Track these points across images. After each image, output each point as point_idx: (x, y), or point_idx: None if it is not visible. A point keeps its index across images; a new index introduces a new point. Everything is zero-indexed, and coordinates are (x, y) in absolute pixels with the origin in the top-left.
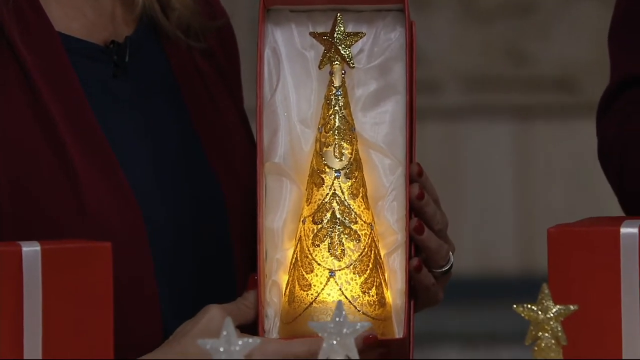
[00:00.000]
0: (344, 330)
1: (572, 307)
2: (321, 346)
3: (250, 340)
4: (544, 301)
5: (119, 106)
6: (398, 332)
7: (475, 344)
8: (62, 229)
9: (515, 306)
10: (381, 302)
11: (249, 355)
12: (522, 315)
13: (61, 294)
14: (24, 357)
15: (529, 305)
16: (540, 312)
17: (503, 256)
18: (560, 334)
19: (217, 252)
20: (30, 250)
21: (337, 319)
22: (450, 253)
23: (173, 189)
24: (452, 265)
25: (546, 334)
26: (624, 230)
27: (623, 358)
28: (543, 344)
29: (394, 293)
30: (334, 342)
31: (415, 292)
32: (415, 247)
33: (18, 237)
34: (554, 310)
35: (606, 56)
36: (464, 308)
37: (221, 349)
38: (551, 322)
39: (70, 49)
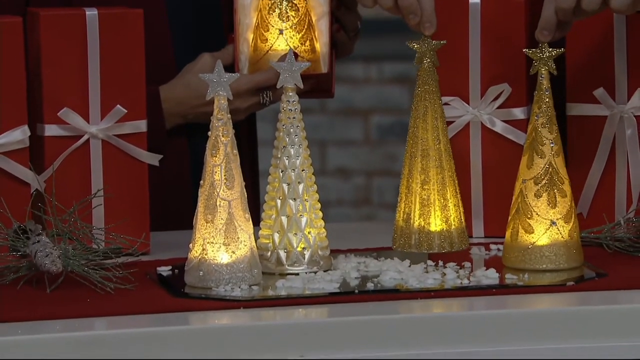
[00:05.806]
0: (294, 67)
1: (442, 42)
2: (272, 74)
3: (233, 74)
4: (426, 39)
5: None
6: (324, 69)
7: (370, 62)
8: (113, 2)
9: (407, 42)
10: (313, 50)
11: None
12: (413, 47)
13: (112, 45)
14: (89, 94)
15: (417, 41)
16: (424, 45)
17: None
18: (435, 59)
19: (210, 18)
20: (91, 14)
21: (289, 60)
22: (359, 22)
23: None
24: (359, 31)
25: (427, 60)
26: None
27: (469, 77)
28: (425, 66)
29: (321, 45)
30: (287, 75)
31: (335, 46)
32: (335, 18)
33: (85, 5)
34: (433, 44)
35: None
36: (362, 37)
37: (214, 80)
38: (430, 52)
39: None
